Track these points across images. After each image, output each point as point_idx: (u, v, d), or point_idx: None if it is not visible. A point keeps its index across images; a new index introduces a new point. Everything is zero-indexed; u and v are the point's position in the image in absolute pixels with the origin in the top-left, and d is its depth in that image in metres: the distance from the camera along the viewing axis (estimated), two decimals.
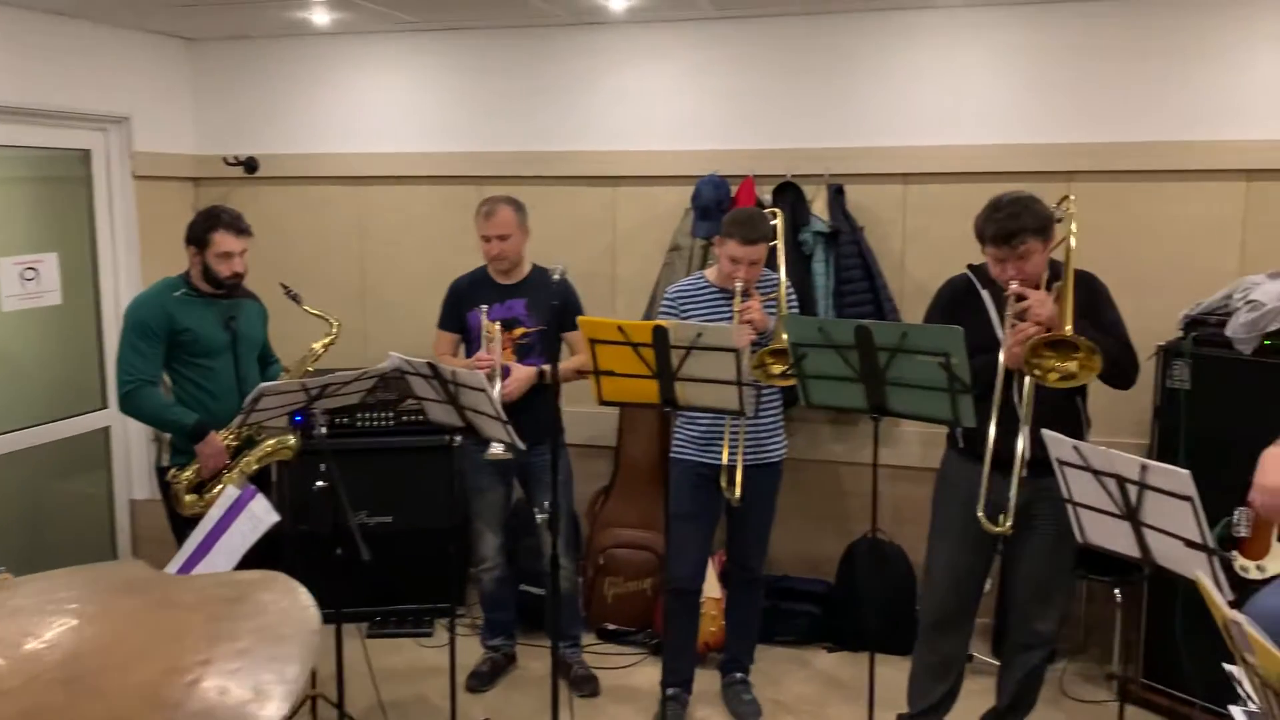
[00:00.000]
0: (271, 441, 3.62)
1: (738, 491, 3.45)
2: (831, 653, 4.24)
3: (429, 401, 3.33)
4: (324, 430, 3.32)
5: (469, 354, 3.87)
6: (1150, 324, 3.73)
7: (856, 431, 4.37)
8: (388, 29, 4.69)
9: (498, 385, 3.57)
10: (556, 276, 3.14)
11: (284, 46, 4.87)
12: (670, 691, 3.60)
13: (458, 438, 3.43)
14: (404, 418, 4.47)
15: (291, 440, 3.61)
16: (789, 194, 4.27)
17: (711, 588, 3.99)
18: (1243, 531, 2.97)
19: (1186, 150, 3.91)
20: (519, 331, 3.78)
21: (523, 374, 3.69)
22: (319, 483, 3.20)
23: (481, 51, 4.65)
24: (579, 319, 3.04)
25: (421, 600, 4.46)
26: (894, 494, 4.32)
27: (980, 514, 2.97)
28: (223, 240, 3.48)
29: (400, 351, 3.31)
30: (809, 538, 4.49)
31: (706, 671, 3.90)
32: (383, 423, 4.52)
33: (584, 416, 4.32)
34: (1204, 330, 3.56)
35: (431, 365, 3.17)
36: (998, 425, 2.95)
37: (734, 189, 4.31)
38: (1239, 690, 2.08)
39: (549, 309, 3.64)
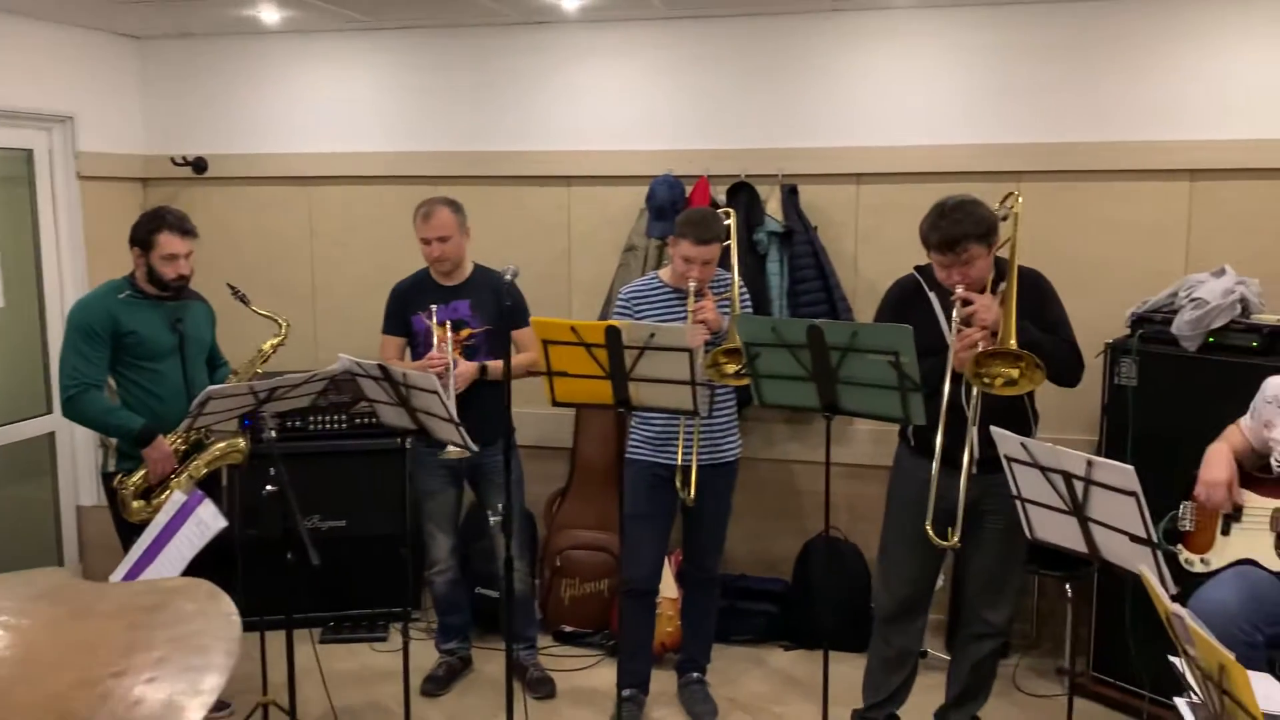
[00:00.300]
0: (220, 445, 3.57)
1: (692, 492, 3.45)
2: (788, 651, 4.25)
3: (380, 404, 3.30)
4: (273, 433, 3.27)
5: (415, 359, 3.83)
6: (1098, 322, 3.78)
7: (811, 430, 4.39)
8: (338, 28, 4.64)
9: (451, 385, 3.53)
10: (509, 278, 3.12)
11: (233, 45, 4.80)
12: (627, 693, 3.59)
13: (409, 440, 3.41)
14: (357, 420, 4.42)
15: (241, 444, 3.56)
16: (743, 194, 4.28)
17: (668, 588, 3.98)
18: (1188, 526, 3.01)
19: (1133, 151, 3.97)
20: (465, 333, 3.75)
21: (465, 370, 3.66)
22: (268, 487, 3.15)
23: (433, 51, 4.61)
24: (532, 319, 3.02)
25: (376, 604, 4.42)
26: (849, 492, 4.34)
27: (928, 527, 3.00)
28: (168, 242, 3.43)
29: (351, 353, 3.28)
30: (765, 537, 4.51)
31: (663, 672, 3.90)
32: (335, 426, 4.47)
33: (539, 418, 4.30)
34: (1150, 328, 3.61)
35: (382, 367, 3.14)
36: (947, 424, 2.97)
37: (689, 189, 4.31)
38: (1183, 682, 2.11)
39: (497, 309, 3.62)
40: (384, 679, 3.99)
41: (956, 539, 3.02)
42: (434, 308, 3.73)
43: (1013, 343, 2.87)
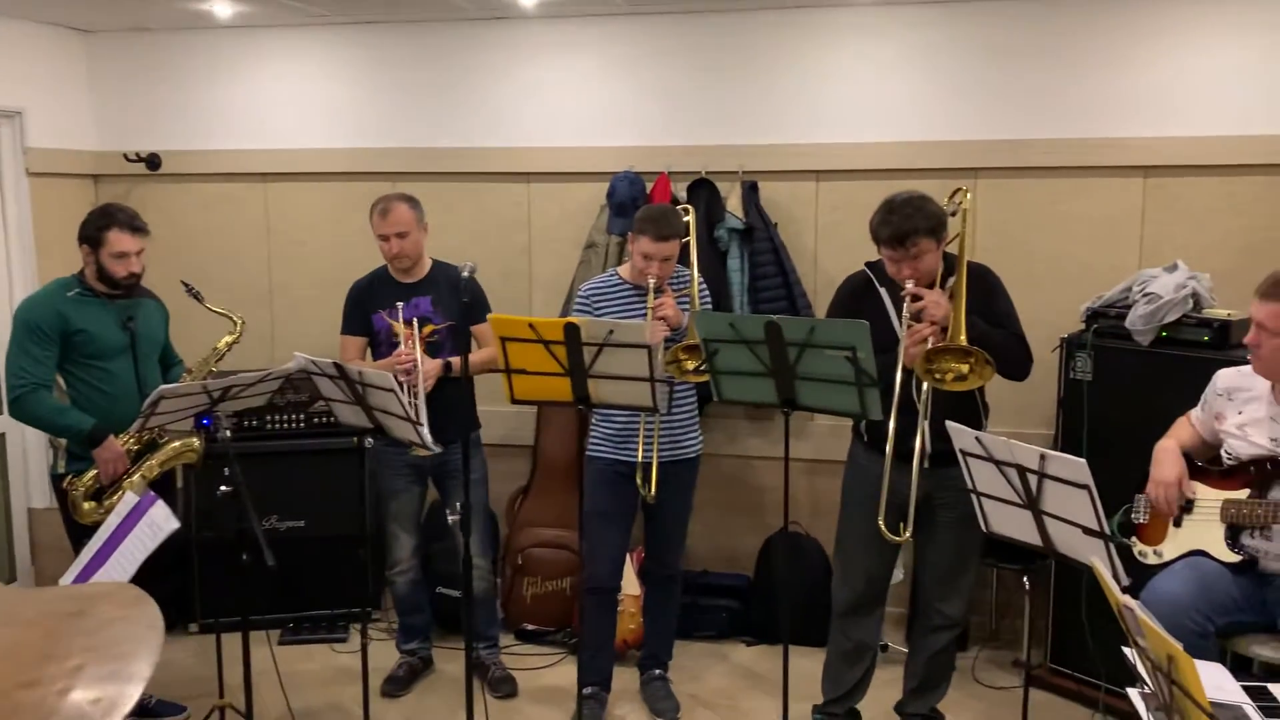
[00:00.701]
0: (174, 445, 3.52)
1: (653, 489, 3.44)
2: (750, 646, 4.26)
3: (336, 403, 3.26)
4: (228, 433, 3.23)
5: (376, 358, 3.80)
6: (1053, 317, 3.84)
7: (773, 426, 4.39)
8: (294, 23, 4.58)
9: (421, 383, 3.48)
10: (466, 274, 3.09)
11: (186, 40, 4.73)
12: (588, 690, 3.59)
13: (369, 439, 3.38)
14: (315, 420, 4.37)
15: (195, 444, 3.51)
16: (704, 190, 4.28)
17: (630, 585, 3.98)
18: (1142, 518, 3.05)
19: (1087, 147, 4.01)
20: (428, 329, 3.72)
21: (430, 367, 3.63)
22: (223, 487, 3.11)
23: (391, 46, 4.57)
24: (490, 316, 3.00)
25: (335, 605, 4.37)
26: (810, 487, 4.36)
27: (880, 523, 3.01)
28: (118, 240, 3.37)
29: (310, 352, 3.24)
30: (727, 532, 4.51)
31: (625, 669, 3.89)
32: (293, 425, 4.42)
33: (501, 415, 4.28)
34: (1105, 323, 3.66)
35: (338, 365, 3.11)
36: (899, 419, 2.99)
37: (649, 185, 4.30)
38: (1135, 673, 2.13)
39: (458, 304, 3.60)
40: (344, 680, 3.95)
41: (909, 533, 3.03)
42: (399, 305, 3.68)
43: (963, 338, 2.89)
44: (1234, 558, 2.82)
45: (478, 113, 4.51)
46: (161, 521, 2.81)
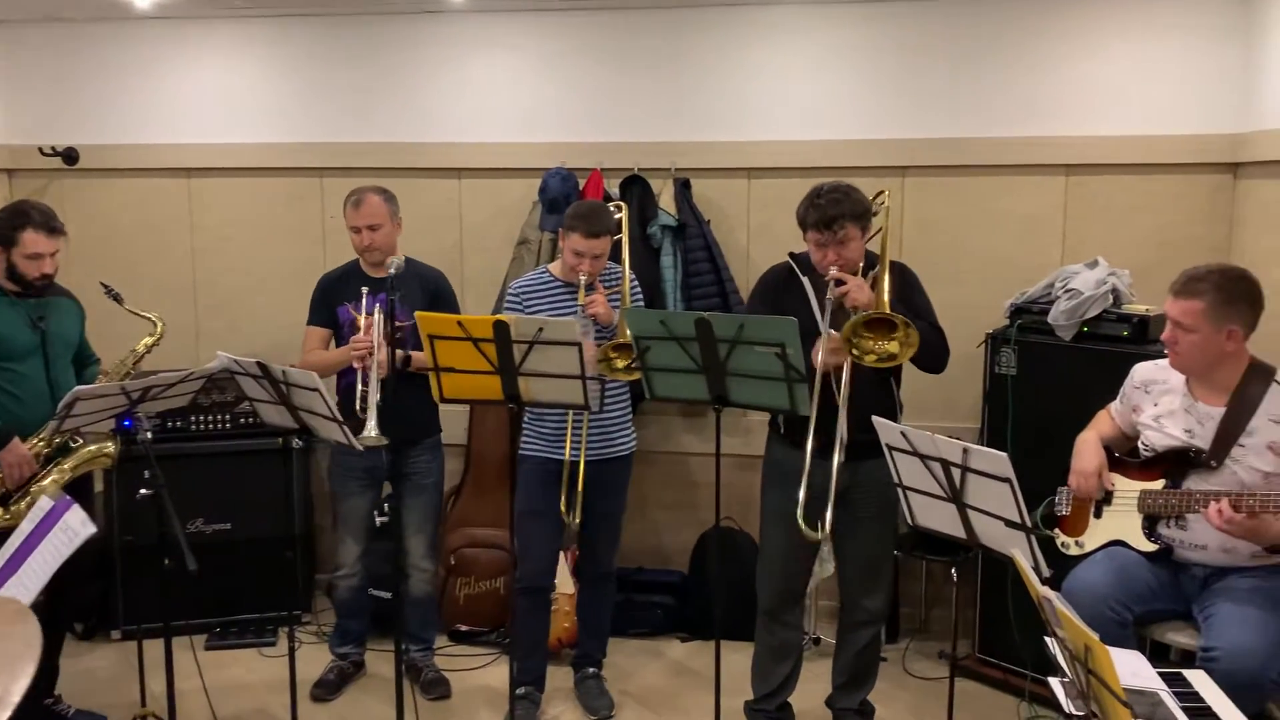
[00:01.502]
0: (90, 448, 3.43)
1: (579, 498, 3.44)
2: (685, 642, 4.27)
3: (260, 403, 3.20)
4: (149, 435, 3.15)
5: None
6: (979, 313, 3.90)
7: (707, 423, 4.41)
8: (217, 14, 4.48)
9: (375, 372, 3.38)
10: (393, 271, 3.05)
11: (104, 30, 4.59)
12: (521, 690, 3.57)
13: (297, 440, 3.32)
14: (242, 420, 4.28)
15: (110, 447, 3.42)
16: (636, 187, 4.28)
17: (565, 583, 3.96)
18: (1064, 510, 3.11)
19: (1011, 146, 4.08)
20: (398, 353, 3.64)
21: (386, 357, 3.53)
22: (143, 490, 3.03)
23: (318, 39, 4.49)
24: (417, 314, 2.96)
25: (264, 609, 4.29)
26: (744, 482, 4.36)
27: (800, 520, 3.03)
28: (33, 241, 3.27)
29: (238, 351, 3.17)
30: (662, 529, 4.52)
31: (560, 668, 3.88)
32: (219, 426, 4.32)
33: None
34: (1028, 318, 3.73)
35: (261, 365, 3.04)
36: (818, 413, 3.00)
37: (582, 182, 4.29)
38: (1054, 662, 2.17)
39: (426, 302, 3.56)
40: (272, 686, 3.88)
41: (827, 530, 3.04)
42: (364, 292, 3.56)
43: (886, 300, 2.95)
44: (1151, 547, 2.89)
45: (407, 107, 4.46)
46: (78, 527, 2.73)
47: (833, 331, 3.00)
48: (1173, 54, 3.95)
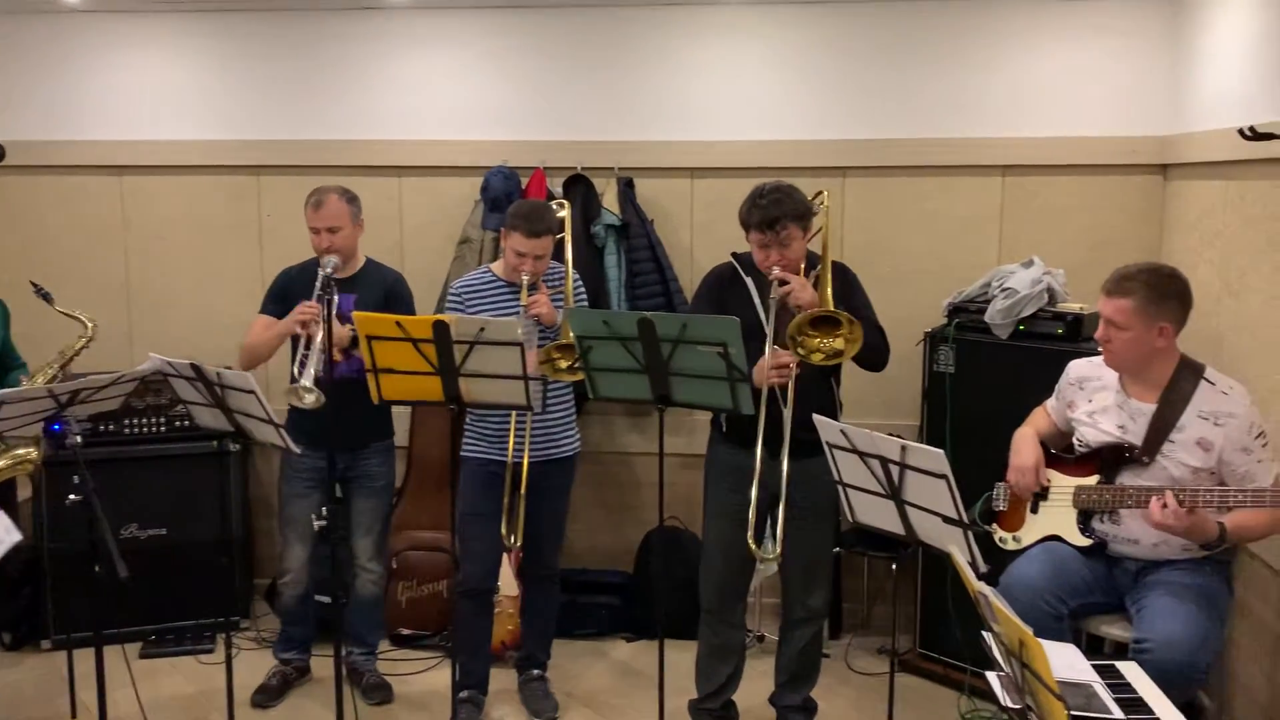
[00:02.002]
0: (14, 454, 3.33)
1: (523, 488, 3.41)
2: (631, 643, 4.27)
3: (194, 405, 3.13)
4: (79, 439, 3.07)
5: (293, 352, 3.66)
6: (918, 312, 3.95)
7: (651, 422, 4.41)
8: (149, 8, 4.38)
9: (316, 346, 3.27)
10: (328, 270, 3.00)
11: (33, 24, 4.46)
12: (464, 694, 3.54)
13: (233, 443, 3.25)
14: (177, 423, 4.19)
15: (32, 453, 3.33)
16: (580, 186, 4.27)
17: (508, 586, 3.93)
18: (1001, 505, 3.15)
19: (949, 147, 4.14)
20: (348, 327, 3.58)
21: (341, 333, 3.40)
22: (72, 496, 2.95)
23: (254, 35, 4.41)
24: (354, 314, 2.92)
25: (201, 615, 4.21)
26: (688, 481, 4.36)
27: (750, 540, 3.05)
28: None
29: (173, 353, 3.10)
30: (607, 529, 4.51)
31: (503, 670, 3.86)
32: (153, 429, 4.23)
33: None
34: (966, 317, 3.78)
35: (195, 367, 2.98)
36: (761, 412, 3.02)
37: (524, 181, 4.26)
38: (991, 657, 2.20)
39: (385, 305, 3.51)
40: (210, 694, 3.81)
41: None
42: (326, 270, 3.38)
43: (829, 296, 2.99)
44: (1085, 541, 2.94)
45: (347, 105, 4.40)
46: (1, 534, 2.66)
47: (777, 349, 3.02)
48: (1105, 58, 4.04)
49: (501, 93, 4.35)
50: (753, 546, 3.06)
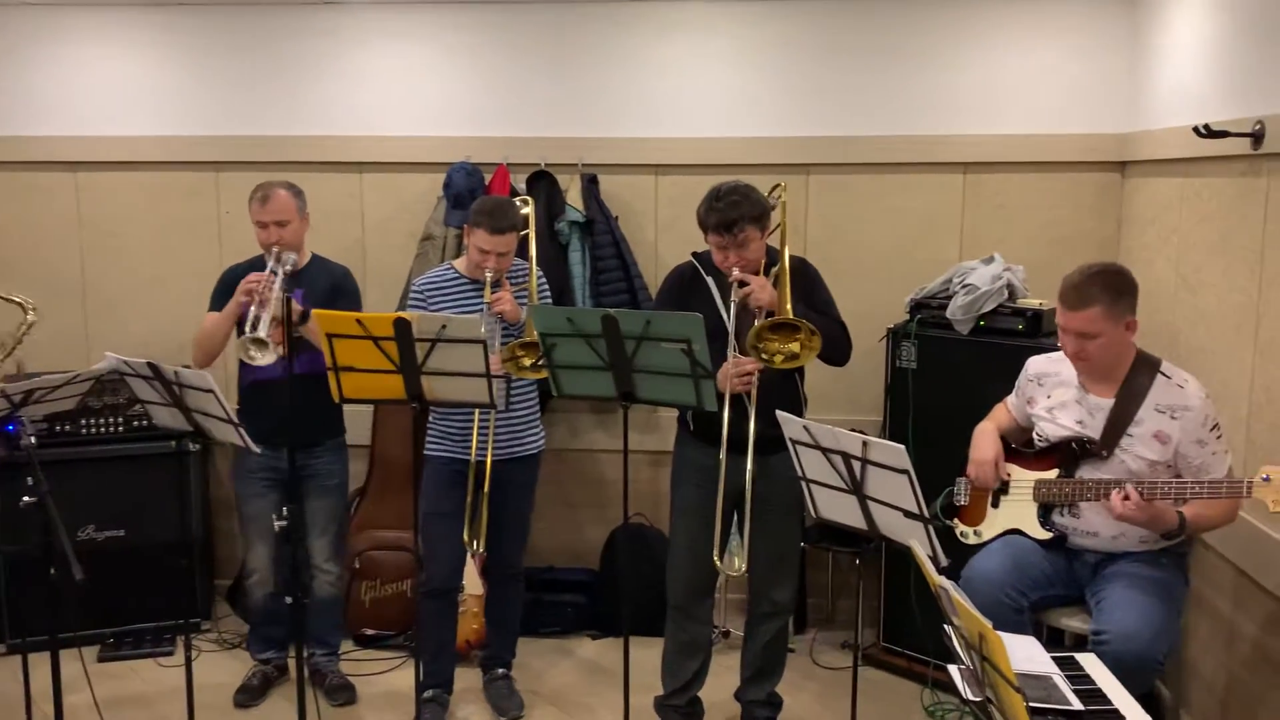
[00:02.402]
0: None
1: (486, 486, 3.39)
2: (597, 640, 4.26)
3: (152, 405, 3.09)
4: (34, 440, 3.01)
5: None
6: (881, 308, 3.97)
7: (617, 419, 4.39)
8: (105, 1, 4.31)
9: (269, 312, 3.23)
10: (287, 268, 2.97)
11: None
12: (429, 693, 3.52)
13: (193, 443, 3.21)
14: (135, 423, 4.13)
15: None
16: (544, 183, 4.25)
17: (473, 584, 3.91)
18: (963, 500, 3.18)
19: (912, 144, 4.16)
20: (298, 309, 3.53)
21: (293, 309, 3.33)
22: (25, 498, 2.90)
23: (214, 29, 4.34)
24: (315, 312, 2.89)
25: (161, 617, 4.15)
26: (654, 479, 4.38)
27: (716, 557, 3.05)
28: None
29: (130, 352, 3.05)
30: (573, 527, 4.50)
31: (469, 669, 3.84)
32: (111, 429, 4.17)
33: None
34: (927, 313, 3.81)
35: (152, 366, 2.93)
36: (728, 413, 3.03)
37: (488, 177, 4.24)
38: (951, 650, 2.22)
39: (331, 302, 3.47)
40: (169, 696, 3.76)
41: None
42: (285, 268, 3.33)
43: (789, 307, 2.98)
44: (1045, 535, 2.97)
45: (306, 100, 4.35)
46: None
47: (740, 357, 3.03)
48: (1065, 57, 4.08)
49: (464, 88, 4.33)
50: (717, 562, 3.07)
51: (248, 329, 3.25)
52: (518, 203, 3.61)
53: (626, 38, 4.26)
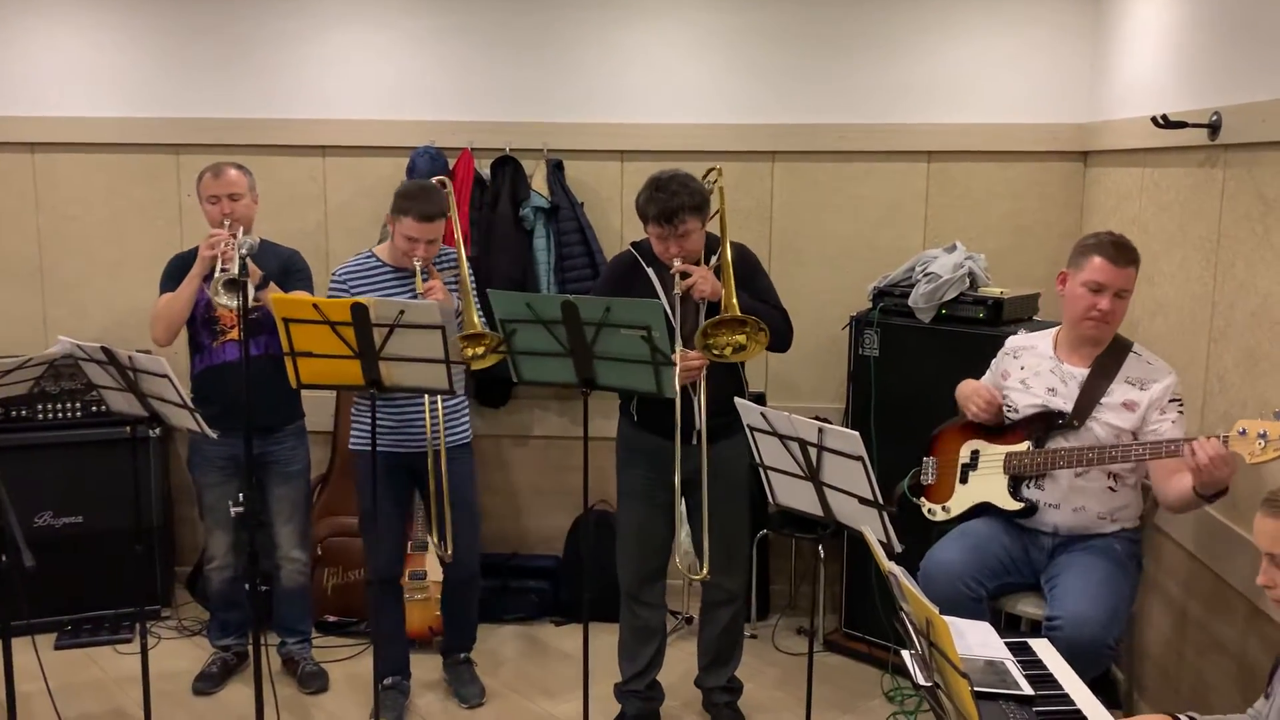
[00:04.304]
0: None
1: (431, 475, 3.36)
2: (560, 626, 4.26)
3: (106, 390, 3.05)
4: None
5: (191, 331, 3.59)
6: (844, 296, 3.98)
7: (579, 406, 4.37)
8: None
9: (235, 255, 3.11)
10: (244, 252, 2.93)
11: None
12: (389, 681, 3.51)
13: (154, 429, 3.17)
14: (93, 408, 4.08)
15: None
16: (508, 168, 4.23)
17: (435, 571, 3.90)
18: (930, 479, 3.19)
19: (876, 133, 4.17)
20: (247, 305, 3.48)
21: (254, 269, 3.33)
22: None
23: (175, 8, 4.27)
24: (272, 297, 2.86)
25: (120, 604, 4.10)
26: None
27: (678, 561, 3.06)
28: None
29: (88, 336, 3.01)
30: (538, 514, 4.50)
31: (431, 656, 3.83)
32: (68, 414, 4.12)
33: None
34: (890, 301, 3.82)
35: (106, 350, 2.90)
36: (671, 404, 3.02)
37: (451, 161, 4.21)
38: (903, 635, 2.23)
39: (281, 284, 3.44)
40: (127, 683, 3.73)
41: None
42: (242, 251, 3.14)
43: (734, 302, 2.98)
44: (1016, 505, 2.98)
45: (268, 82, 4.29)
46: None
47: (686, 351, 3.01)
48: (1028, 46, 4.10)
49: (429, 72, 4.29)
50: (682, 568, 3.06)
51: (217, 273, 3.20)
52: (439, 185, 3.46)
53: (593, 23, 4.23)
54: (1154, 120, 3.12)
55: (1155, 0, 3.51)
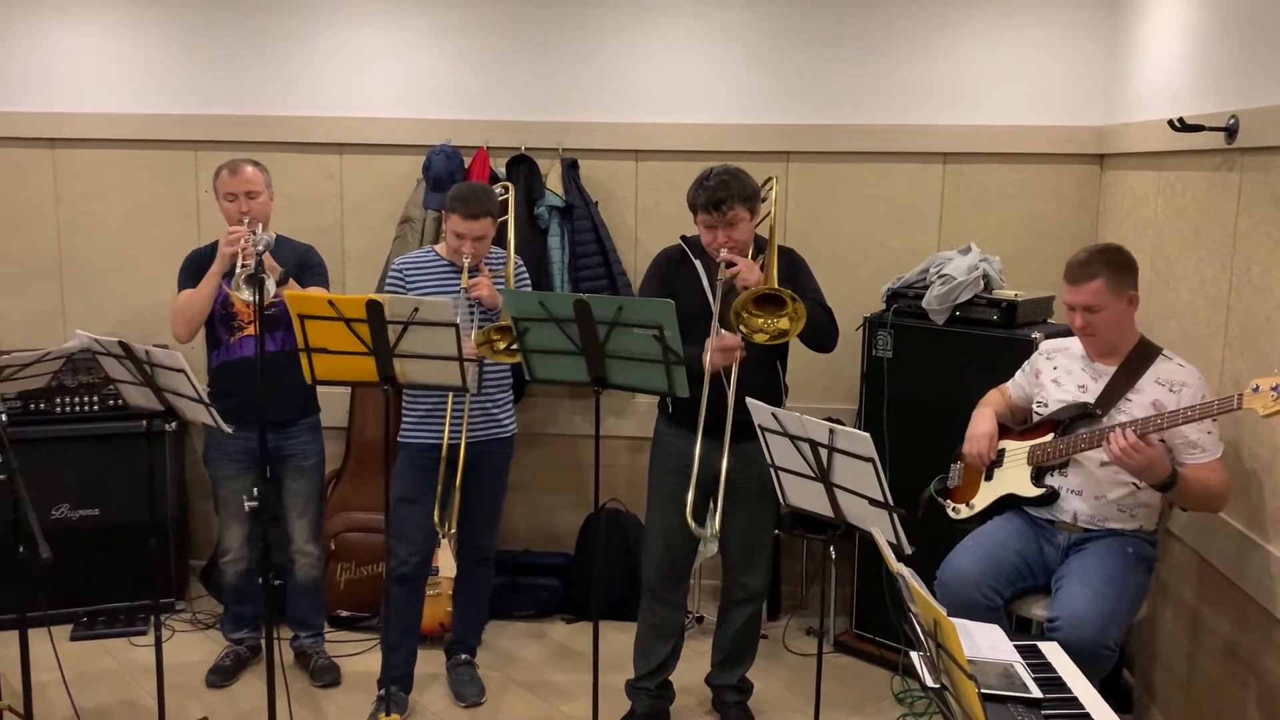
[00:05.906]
0: None
1: (459, 472, 3.38)
2: (570, 624, 4.27)
3: (123, 384, 3.08)
4: (4, 417, 3.00)
5: (209, 327, 3.61)
6: (858, 297, 3.97)
7: (593, 404, 4.39)
8: None
9: (254, 252, 3.15)
10: (261, 248, 2.96)
11: None
12: (389, 690, 3.51)
13: (170, 423, 3.19)
14: (110, 402, 4.12)
15: None
16: (523, 167, 4.24)
17: (448, 567, 3.90)
18: (957, 482, 3.23)
19: (892, 134, 4.16)
20: (266, 300, 3.51)
21: (272, 263, 3.36)
22: None
23: (195, 6, 4.31)
24: (286, 294, 2.88)
25: (135, 596, 4.15)
26: (631, 464, 4.39)
27: (690, 519, 3.04)
28: None
29: (106, 330, 3.04)
30: (550, 511, 4.51)
31: (436, 653, 3.83)
32: (86, 407, 4.15)
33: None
34: (904, 302, 3.82)
35: (123, 345, 2.92)
36: (708, 396, 3.04)
37: (467, 160, 4.23)
38: (912, 636, 2.23)
39: (298, 280, 3.47)
40: (141, 675, 3.76)
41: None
42: (259, 248, 3.20)
43: (775, 277, 3.01)
44: (1038, 491, 2.99)
45: (286, 79, 4.32)
46: None
47: (724, 331, 3.03)
48: (1045, 48, 4.08)
49: (445, 71, 4.31)
50: (692, 524, 3.06)
51: (238, 269, 3.22)
52: (496, 190, 3.61)
53: (608, 22, 4.24)
54: (1170, 123, 3.11)
55: (1172, 3, 3.49)
